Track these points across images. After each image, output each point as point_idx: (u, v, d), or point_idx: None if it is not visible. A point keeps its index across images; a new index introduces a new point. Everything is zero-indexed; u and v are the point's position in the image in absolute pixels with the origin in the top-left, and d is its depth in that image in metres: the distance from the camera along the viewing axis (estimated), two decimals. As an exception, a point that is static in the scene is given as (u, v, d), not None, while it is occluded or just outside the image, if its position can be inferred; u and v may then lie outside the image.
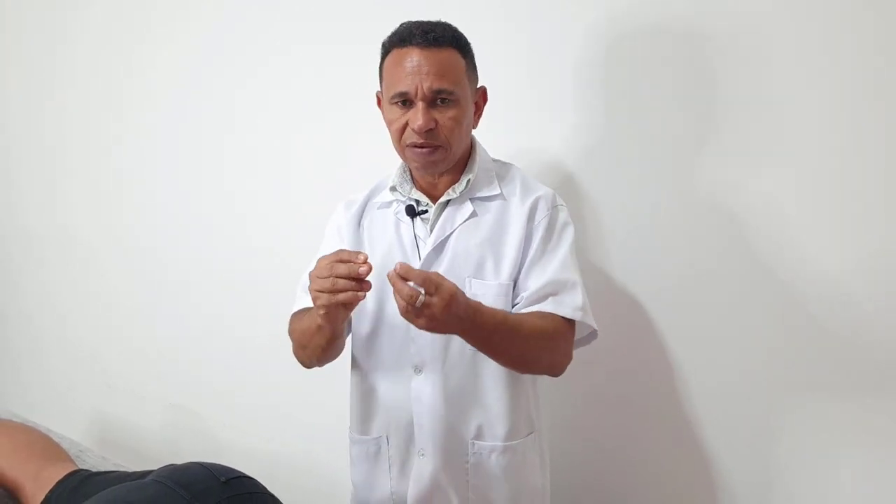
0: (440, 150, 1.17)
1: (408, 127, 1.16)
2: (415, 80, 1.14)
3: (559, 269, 1.18)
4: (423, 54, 1.14)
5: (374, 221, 1.28)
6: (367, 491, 1.29)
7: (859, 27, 1.18)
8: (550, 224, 1.21)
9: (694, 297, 1.36)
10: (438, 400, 1.20)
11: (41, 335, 2.69)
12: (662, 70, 1.35)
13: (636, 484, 1.46)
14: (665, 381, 1.40)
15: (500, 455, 1.21)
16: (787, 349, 1.28)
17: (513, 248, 1.19)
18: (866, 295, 1.20)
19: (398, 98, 1.16)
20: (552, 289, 1.16)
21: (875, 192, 1.19)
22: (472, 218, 1.21)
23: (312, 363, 1.27)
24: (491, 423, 1.21)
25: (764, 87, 1.27)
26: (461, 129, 1.18)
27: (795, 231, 1.26)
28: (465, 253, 1.20)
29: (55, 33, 2.45)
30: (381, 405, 1.26)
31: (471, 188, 1.23)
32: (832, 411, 1.26)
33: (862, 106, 1.18)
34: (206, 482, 1.05)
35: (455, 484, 1.22)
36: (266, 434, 2.04)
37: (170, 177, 2.21)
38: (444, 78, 1.14)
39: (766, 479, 1.33)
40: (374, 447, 1.28)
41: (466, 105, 1.19)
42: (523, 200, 1.21)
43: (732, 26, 1.28)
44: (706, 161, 1.33)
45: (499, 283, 1.19)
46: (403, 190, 1.25)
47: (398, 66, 1.16)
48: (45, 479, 1.22)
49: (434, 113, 1.15)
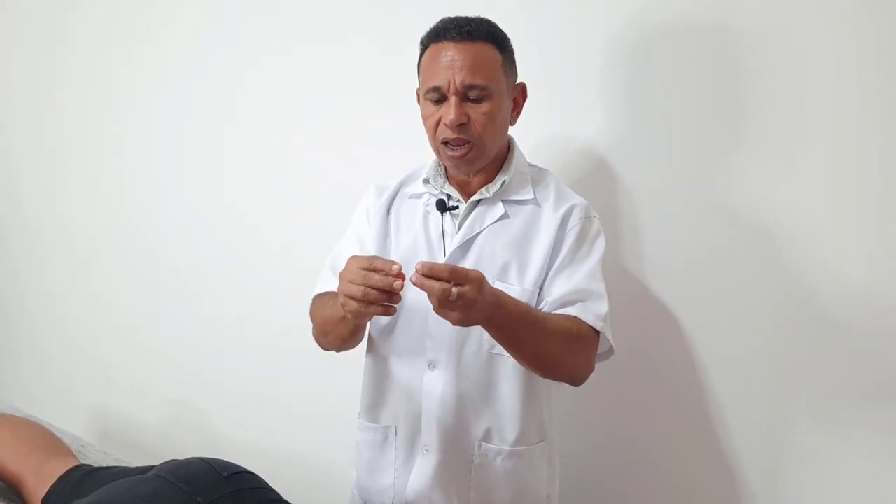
0: (473, 148, 1.15)
1: (441, 122, 1.14)
2: (448, 74, 1.12)
3: (586, 279, 1.15)
4: (456, 48, 1.13)
5: (403, 211, 1.26)
6: (369, 480, 1.28)
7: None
8: (582, 233, 1.18)
9: (715, 297, 1.35)
10: (449, 398, 1.19)
11: (43, 331, 2.69)
12: (689, 69, 1.33)
13: (647, 485, 1.46)
14: (691, 382, 1.39)
15: (507, 459, 1.20)
16: (813, 353, 1.26)
17: (540, 254, 1.17)
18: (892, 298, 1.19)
19: (432, 93, 1.15)
20: (578, 296, 1.14)
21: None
22: (502, 219, 1.19)
23: (331, 349, 1.26)
24: (500, 427, 1.19)
25: (795, 87, 1.24)
26: (494, 125, 1.15)
27: (823, 234, 1.24)
28: (490, 254, 1.18)
29: (56, 33, 2.45)
30: (392, 394, 1.25)
31: (504, 190, 1.20)
32: (847, 414, 1.26)
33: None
34: (207, 477, 1.06)
35: (457, 483, 1.21)
36: (268, 429, 2.05)
37: (170, 175, 2.21)
38: (478, 72, 1.12)
39: (781, 480, 1.33)
40: (381, 436, 1.26)
41: (501, 100, 1.16)
42: (556, 208, 1.19)
43: (762, 24, 1.26)
44: (734, 161, 1.31)
45: (522, 289, 1.16)
46: (436, 183, 1.23)
47: (433, 61, 1.15)
48: (47, 474, 1.23)
49: (467, 108, 1.13)
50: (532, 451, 1.22)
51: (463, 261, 1.18)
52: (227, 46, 1.99)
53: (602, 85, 1.43)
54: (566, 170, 1.45)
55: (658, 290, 1.41)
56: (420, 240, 1.22)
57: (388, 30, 1.71)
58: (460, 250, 1.18)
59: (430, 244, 1.21)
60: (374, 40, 1.74)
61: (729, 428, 1.36)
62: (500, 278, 1.17)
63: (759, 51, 1.27)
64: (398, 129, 1.66)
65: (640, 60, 1.38)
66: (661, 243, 1.40)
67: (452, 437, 1.19)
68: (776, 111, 1.26)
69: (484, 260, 1.17)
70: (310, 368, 1.93)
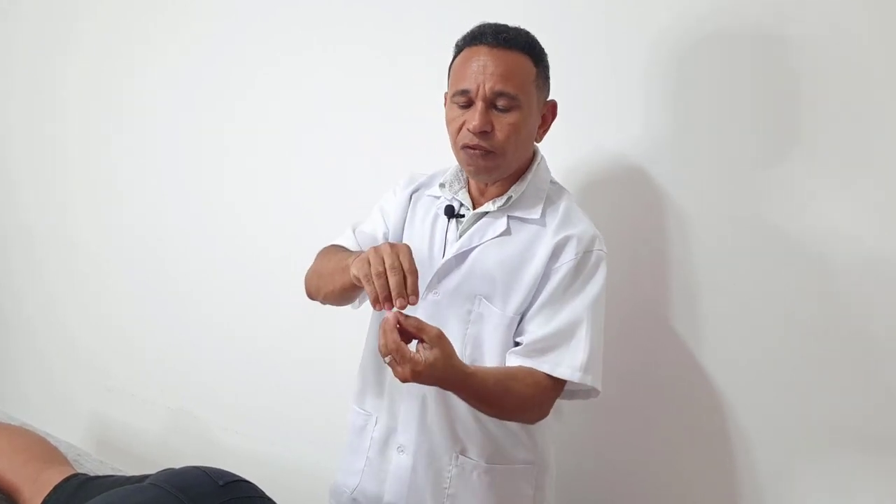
0: (493, 156, 1.13)
1: (464, 127, 1.13)
2: (478, 78, 1.10)
3: (570, 321, 1.12)
4: (491, 54, 1.11)
5: (420, 207, 1.28)
6: (345, 459, 1.32)
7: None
8: (577, 268, 1.14)
9: (756, 319, 1.33)
10: (430, 405, 1.20)
11: (41, 338, 2.69)
12: (738, 77, 1.30)
13: (644, 493, 1.46)
14: (705, 395, 1.38)
15: (483, 475, 1.19)
16: (858, 385, 1.24)
17: (526, 283, 1.15)
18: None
19: (460, 96, 1.13)
20: (555, 341, 1.12)
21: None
22: (503, 235, 1.17)
23: (317, 296, 1.26)
24: (478, 442, 1.19)
25: (852, 98, 1.20)
26: (519, 137, 1.13)
27: (870, 251, 1.20)
28: (482, 270, 1.16)
29: (56, 34, 2.46)
30: (377, 387, 1.27)
31: (512, 205, 1.18)
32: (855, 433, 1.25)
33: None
34: (204, 486, 1.05)
35: (433, 490, 1.21)
36: (265, 438, 2.04)
37: (171, 180, 2.21)
38: (509, 81, 1.10)
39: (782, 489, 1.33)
40: (362, 421, 1.29)
41: (529, 113, 1.13)
42: (556, 233, 1.16)
43: (815, 33, 1.22)
44: (783, 174, 1.27)
45: (503, 314, 1.15)
46: (452, 189, 1.23)
47: (465, 64, 1.13)
48: (43, 483, 1.22)
49: (493, 116, 1.11)
50: (514, 472, 1.20)
51: (455, 271, 1.18)
52: (227, 48, 2.00)
53: (644, 95, 1.40)
54: (600, 186, 1.43)
55: (687, 308, 1.38)
56: (425, 240, 1.23)
57: (393, 38, 1.72)
58: (455, 260, 1.19)
59: (433, 248, 1.22)
60: (377, 48, 1.75)
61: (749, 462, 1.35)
62: (486, 298, 1.16)
63: (815, 60, 1.22)
64: (400, 136, 1.66)
65: (684, 70, 1.35)
66: (690, 258, 1.37)
67: (428, 445, 1.20)
68: (837, 124, 1.21)
69: (475, 275, 1.17)
70: (308, 378, 1.93)
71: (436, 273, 1.20)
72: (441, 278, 1.19)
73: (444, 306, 1.18)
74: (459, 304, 1.17)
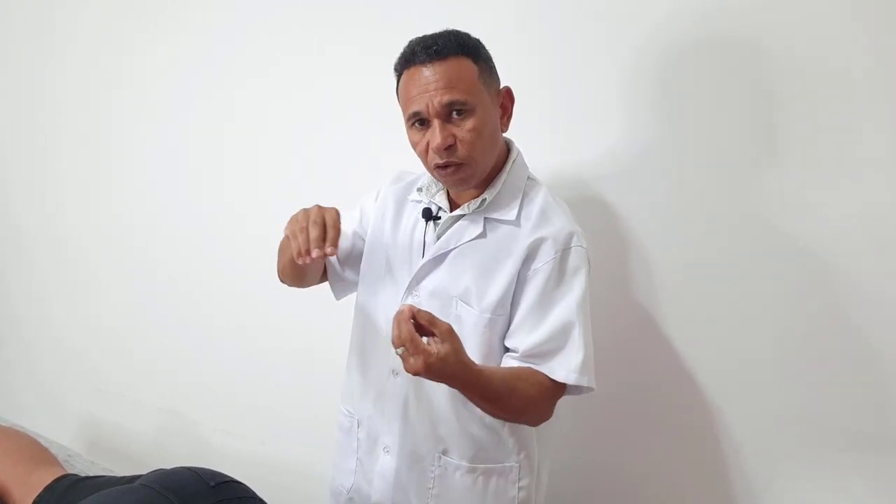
0: (464, 168, 1.14)
1: (429, 148, 1.13)
2: (424, 98, 1.10)
3: (560, 324, 1.12)
4: (428, 70, 1.10)
5: (403, 209, 1.29)
6: (338, 459, 1.35)
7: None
8: (559, 268, 1.14)
9: (738, 318, 1.34)
10: (412, 407, 1.21)
11: (31, 338, 2.67)
12: (728, 78, 1.31)
13: (635, 493, 1.47)
14: (698, 399, 1.39)
15: (466, 474, 1.20)
16: (856, 386, 1.25)
17: (500, 284, 1.15)
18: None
19: (414, 119, 1.13)
20: (550, 346, 1.12)
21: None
22: (479, 238, 1.18)
23: (280, 276, 1.34)
24: (460, 443, 1.20)
25: (845, 98, 1.21)
26: (483, 140, 1.13)
27: (855, 252, 1.22)
28: (458, 273, 1.17)
29: (47, 31, 2.44)
30: (361, 388, 1.29)
31: (488, 207, 1.18)
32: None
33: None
34: (194, 486, 1.05)
35: (417, 490, 1.22)
36: (256, 438, 2.04)
37: (163, 177, 2.20)
38: (454, 89, 1.10)
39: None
40: (348, 422, 1.31)
41: (486, 111, 1.13)
42: (530, 235, 1.15)
43: (806, 33, 1.23)
44: (774, 175, 1.28)
45: (480, 313, 1.16)
46: (429, 192, 1.24)
47: (408, 88, 1.13)
48: (33, 484, 1.22)
49: (451, 128, 1.11)
50: (496, 472, 1.20)
51: (433, 273, 1.19)
52: (224, 44, 2.00)
53: (634, 96, 1.40)
54: (589, 186, 1.44)
55: (676, 308, 1.40)
56: (405, 242, 1.25)
57: (393, 38, 1.71)
58: (433, 263, 1.20)
59: (412, 251, 1.23)
60: (377, 48, 1.74)
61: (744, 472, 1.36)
62: (464, 298, 1.17)
63: (791, 66, 1.24)
64: (399, 137, 1.66)
65: (674, 71, 1.36)
66: (680, 258, 1.38)
67: (412, 446, 1.21)
68: (816, 129, 1.23)
69: (452, 277, 1.18)
70: (299, 378, 1.93)
71: (414, 275, 1.21)
72: (420, 280, 1.21)
73: (424, 307, 1.18)
74: (438, 305, 1.18)
